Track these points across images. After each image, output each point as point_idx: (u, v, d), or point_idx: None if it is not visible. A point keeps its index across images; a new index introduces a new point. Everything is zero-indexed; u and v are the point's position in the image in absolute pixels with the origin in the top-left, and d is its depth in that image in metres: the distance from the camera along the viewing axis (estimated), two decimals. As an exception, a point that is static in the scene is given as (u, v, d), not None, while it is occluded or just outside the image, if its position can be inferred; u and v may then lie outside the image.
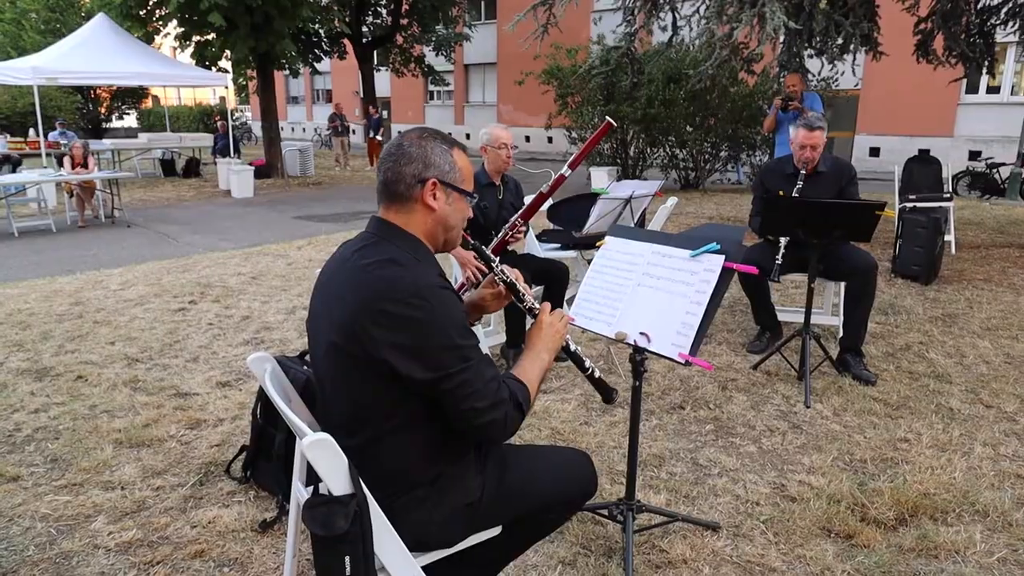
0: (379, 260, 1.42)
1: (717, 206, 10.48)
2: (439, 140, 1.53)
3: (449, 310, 1.40)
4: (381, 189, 1.53)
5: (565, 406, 3.35)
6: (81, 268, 6.68)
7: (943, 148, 15.42)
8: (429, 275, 1.42)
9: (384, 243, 1.47)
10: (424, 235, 1.53)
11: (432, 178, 1.49)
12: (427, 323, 1.36)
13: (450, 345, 1.38)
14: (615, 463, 2.82)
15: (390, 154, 1.51)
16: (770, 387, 3.58)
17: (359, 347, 1.38)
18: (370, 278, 1.40)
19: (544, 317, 1.68)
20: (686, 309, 1.88)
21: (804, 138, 3.69)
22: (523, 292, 1.71)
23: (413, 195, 1.49)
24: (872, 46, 7.13)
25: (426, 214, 1.51)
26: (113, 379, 3.70)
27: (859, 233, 3.35)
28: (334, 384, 1.48)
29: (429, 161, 1.50)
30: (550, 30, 8.53)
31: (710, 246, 1.90)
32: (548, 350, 1.65)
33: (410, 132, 1.54)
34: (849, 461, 2.86)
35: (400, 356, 1.36)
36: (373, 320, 1.36)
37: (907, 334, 4.37)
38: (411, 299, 1.36)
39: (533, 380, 1.56)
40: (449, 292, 1.42)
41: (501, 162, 3.71)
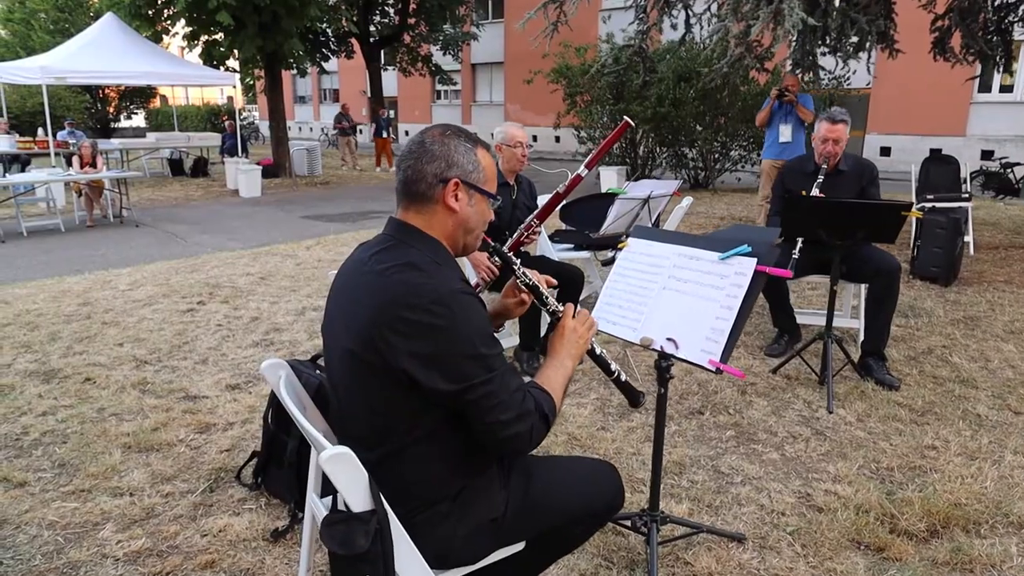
0: (398, 264, 1.35)
1: (728, 206, 10.38)
2: (463, 138, 1.46)
3: (472, 317, 1.33)
4: (400, 188, 1.46)
5: (581, 411, 3.28)
6: (90, 268, 6.65)
7: (955, 147, 15.26)
8: (451, 280, 1.35)
9: (403, 246, 1.41)
10: (444, 238, 1.46)
11: (455, 178, 1.42)
12: (449, 331, 1.29)
13: (474, 354, 1.31)
14: (634, 470, 2.74)
15: (411, 152, 1.44)
16: (791, 392, 3.50)
17: (377, 356, 1.31)
18: (388, 283, 1.33)
19: (567, 321, 1.61)
20: (716, 314, 1.80)
21: (827, 131, 3.60)
22: (546, 296, 1.64)
23: (434, 195, 1.43)
24: (889, 44, 7.02)
25: (447, 216, 1.44)
26: (121, 381, 3.65)
27: (883, 234, 3.26)
28: (350, 393, 1.42)
29: (452, 160, 1.43)
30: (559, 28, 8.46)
31: (741, 248, 1.83)
32: (572, 356, 1.58)
33: (432, 129, 1.47)
34: (876, 469, 2.77)
35: (420, 366, 1.29)
36: (392, 328, 1.29)
37: (929, 337, 4.27)
38: (432, 306, 1.29)
39: (557, 389, 1.49)
40: (472, 298, 1.36)
41: (516, 161, 3.64)
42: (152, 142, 15.98)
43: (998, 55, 7.33)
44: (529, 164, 3.71)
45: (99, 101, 29.31)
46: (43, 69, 10.95)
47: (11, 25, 27.50)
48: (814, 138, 3.70)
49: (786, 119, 7.14)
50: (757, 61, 7.02)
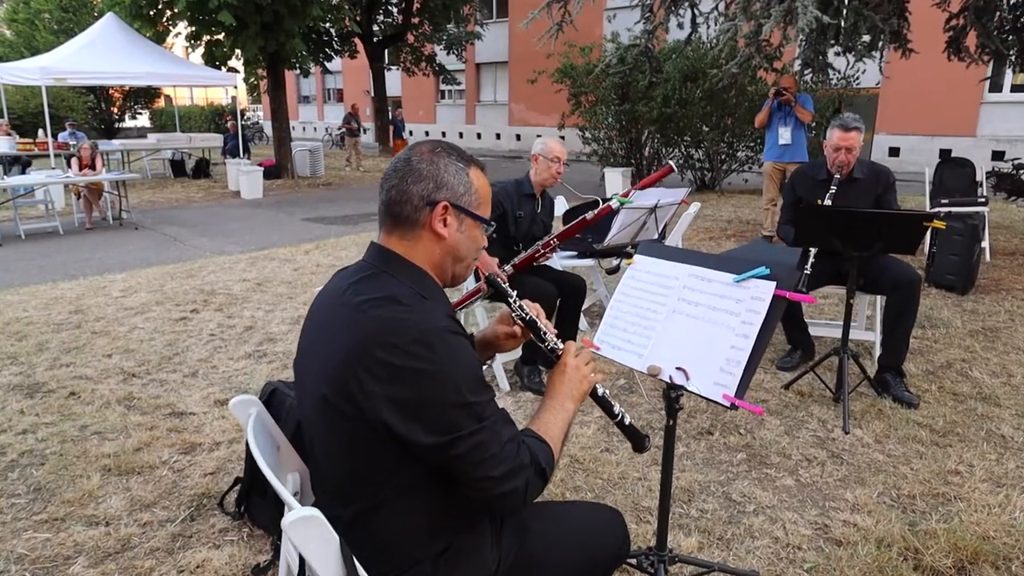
0: (376, 298, 1.21)
1: (735, 208, 10.20)
2: (454, 156, 1.31)
3: (459, 359, 1.18)
4: (383, 210, 1.31)
5: (584, 430, 3.13)
6: (85, 272, 6.54)
7: (966, 148, 15.04)
8: (436, 316, 1.20)
9: (384, 276, 1.26)
10: (431, 267, 1.31)
11: (444, 200, 1.28)
12: (432, 375, 1.14)
13: (460, 402, 1.16)
14: (640, 498, 2.59)
15: (396, 170, 1.30)
16: (804, 410, 3.34)
17: (351, 403, 1.16)
18: (365, 320, 1.18)
19: (568, 360, 1.46)
20: (731, 343, 1.65)
21: (839, 139, 3.43)
22: (544, 330, 1.49)
23: (420, 219, 1.28)
24: (902, 43, 6.83)
25: (434, 242, 1.30)
26: (107, 396, 3.51)
27: (903, 245, 3.10)
28: (323, 441, 1.27)
29: (441, 180, 1.28)
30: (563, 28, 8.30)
31: (758, 270, 1.67)
32: (573, 399, 1.42)
33: (420, 145, 1.33)
34: (896, 497, 2.61)
35: (400, 416, 1.14)
36: (368, 371, 1.14)
37: (947, 350, 4.10)
38: (413, 346, 1.14)
39: (556, 437, 1.35)
40: (460, 338, 1.21)
41: (550, 176, 3.56)
42: (153, 143, 15.87)
43: (1014, 54, 7.13)
44: (562, 183, 3.59)
45: (103, 101, 29.28)
46: (42, 70, 10.85)
47: (15, 25, 27.48)
48: (825, 145, 3.53)
49: (785, 120, 7.01)
50: (766, 61, 6.85)
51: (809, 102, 7.04)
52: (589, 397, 1.49)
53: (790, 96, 6.86)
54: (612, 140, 12.56)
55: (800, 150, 7.04)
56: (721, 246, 7.36)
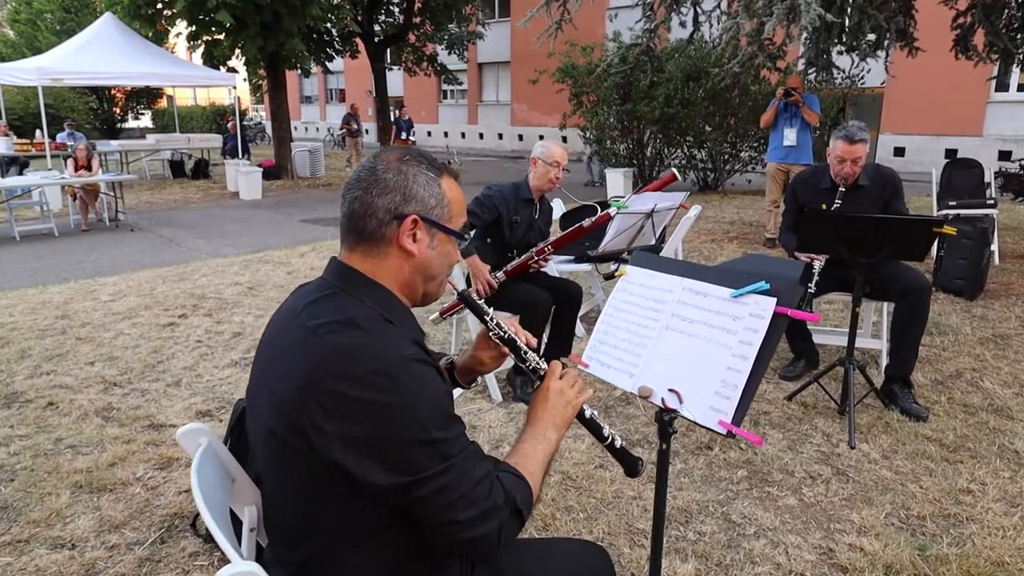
0: (333, 321, 1.08)
1: (738, 209, 10.06)
2: (424, 165, 1.19)
3: (424, 391, 1.06)
4: (345, 225, 1.19)
5: (578, 444, 3.00)
6: (78, 275, 6.44)
7: (972, 148, 14.86)
8: (399, 343, 1.08)
9: (343, 296, 1.14)
10: (398, 286, 1.19)
11: (412, 214, 1.16)
12: (393, 410, 1.02)
13: (424, 440, 1.04)
14: (634, 519, 2.46)
15: (359, 180, 1.17)
16: (808, 423, 3.20)
17: (302, 440, 1.04)
18: (319, 346, 1.06)
19: (551, 383, 1.34)
20: (727, 364, 1.52)
21: (843, 151, 3.27)
22: (525, 349, 1.37)
23: (386, 235, 1.16)
24: (908, 42, 6.68)
25: (402, 260, 1.18)
26: (85, 407, 3.40)
27: (911, 252, 2.96)
28: (273, 480, 1.15)
29: (410, 192, 1.16)
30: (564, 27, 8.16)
31: (757, 285, 1.54)
32: (556, 427, 1.30)
33: (387, 153, 1.20)
34: (905, 518, 2.48)
35: (356, 455, 1.02)
36: (320, 405, 1.02)
37: (956, 358, 3.96)
38: (371, 377, 1.02)
39: (536, 472, 1.22)
40: (425, 367, 1.08)
41: (548, 180, 3.42)
42: (152, 144, 15.79)
43: (1022, 53, 6.98)
44: (560, 188, 3.46)
45: (106, 102, 29.25)
46: (39, 70, 10.77)
47: (17, 26, 27.47)
48: (829, 154, 3.39)
49: (791, 122, 6.86)
50: (769, 60, 6.70)
51: (816, 103, 6.89)
52: (576, 420, 1.37)
53: (798, 97, 6.70)
54: (614, 140, 12.43)
55: (805, 152, 6.89)
56: (723, 248, 7.22)
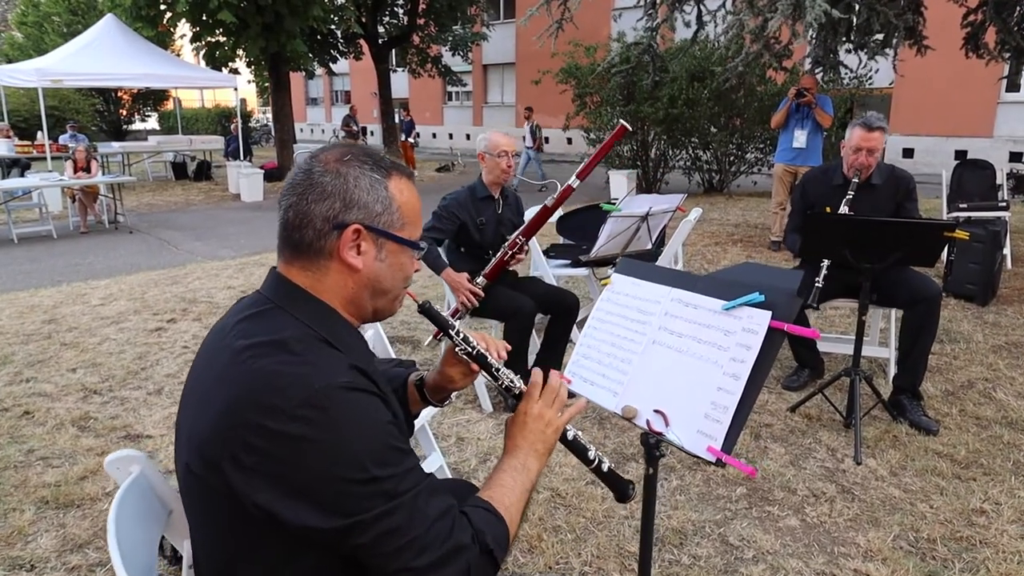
0: (262, 343, 0.96)
1: (743, 211, 9.90)
2: (368, 166, 1.06)
3: (361, 424, 0.93)
4: (280, 235, 1.06)
5: (569, 458, 2.86)
6: (72, 278, 6.36)
7: (982, 149, 14.63)
8: (334, 369, 0.95)
9: (278, 314, 1.01)
10: (342, 303, 1.06)
11: (355, 223, 1.03)
12: (325, 447, 0.90)
13: (363, 478, 0.91)
14: (626, 541, 2.32)
15: (293, 185, 1.05)
16: (811, 436, 3.05)
17: (220, 480, 0.91)
18: (244, 373, 0.93)
19: (529, 406, 1.20)
20: (718, 383, 1.38)
21: (861, 139, 3.13)
22: (496, 366, 1.24)
23: (326, 247, 1.03)
24: (917, 40, 6.51)
25: (345, 274, 1.05)
26: (62, 416, 3.29)
27: (921, 257, 2.82)
28: (195, 520, 1.02)
29: (351, 197, 1.03)
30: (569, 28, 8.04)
31: (751, 296, 1.41)
32: (537, 454, 1.17)
33: (327, 152, 1.07)
34: (915, 540, 2.33)
35: (282, 497, 0.89)
36: (242, 441, 0.90)
37: (968, 368, 3.80)
38: (301, 410, 0.89)
39: (513, 506, 1.09)
40: (364, 396, 0.95)
41: (500, 172, 3.26)
42: (153, 145, 15.75)
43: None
44: (517, 176, 3.31)
45: (111, 104, 29.31)
46: (38, 71, 10.73)
47: (25, 28, 27.57)
48: (844, 146, 3.25)
49: (803, 123, 6.67)
50: (775, 59, 6.55)
51: (829, 104, 6.68)
52: (559, 442, 1.24)
53: (811, 97, 6.51)
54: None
55: (815, 155, 6.71)
56: (727, 251, 7.07)
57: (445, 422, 3.21)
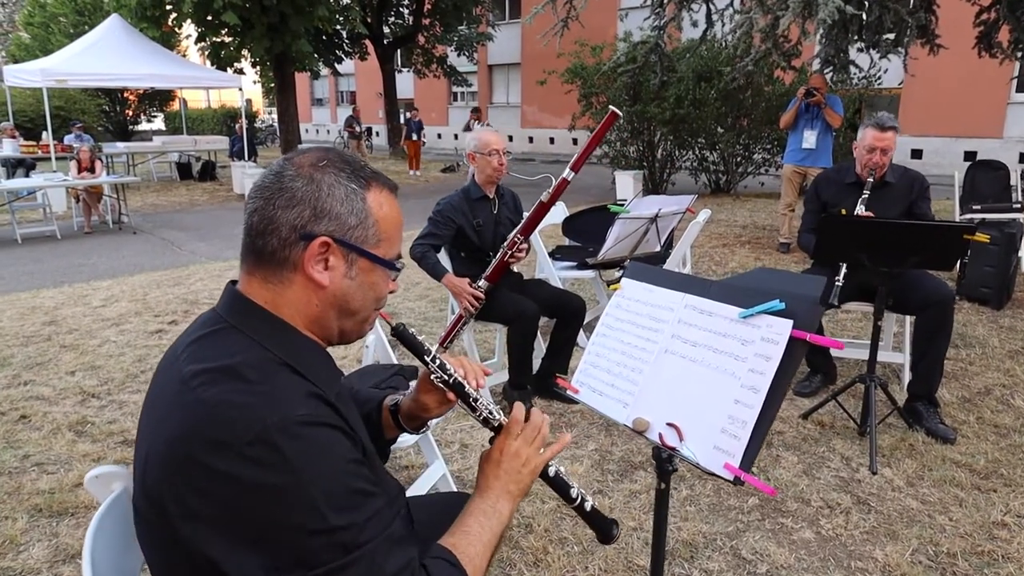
0: (211, 369, 0.87)
1: (751, 212, 9.80)
2: (346, 174, 0.97)
3: (318, 465, 0.83)
4: (244, 241, 0.97)
5: (576, 466, 2.79)
6: (74, 279, 6.32)
7: (992, 150, 14.48)
8: (290, 400, 0.85)
9: (232, 335, 0.92)
10: (304, 321, 0.97)
11: (323, 235, 0.94)
12: (279, 492, 0.80)
13: (319, 528, 0.82)
14: (634, 554, 2.25)
15: (262, 187, 0.96)
16: (825, 443, 2.97)
17: (165, 523, 0.83)
18: (192, 404, 0.84)
19: (508, 443, 1.12)
20: (735, 396, 1.31)
21: (874, 139, 3.06)
22: (475, 396, 1.16)
23: (290, 258, 0.94)
24: (929, 38, 6.41)
25: (309, 291, 0.96)
26: (59, 420, 3.23)
27: (940, 261, 2.73)
28: (147, 558, 0.94)
29: (322, 206, 0.94)
30: (575, 27, 7.97)
31: (770, 304, 1.33)
32: (511, 495, 1.09)
33: (303, 155, 0.98)
34: (934, 555, 2.25)
35: (227, 545, 0.80)
36: (187, 482, 0.81)
37: (984, 373, 3.71)
38: (252, 449, 0.80)
39: (479, 554, 1.01)
40: (325, 431, 0.86)
41: (492, 171, 3.17)
42: (158, 146, 15.75)
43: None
44: (509, 172, 3.23)
45: (118, 104, 29.37)
46: (43, 71, 10.72)
47: (31, 29, 27.67)
48: (856, 146, 3.18)
49: (812, 124, 6.57)
50: (784, 58, 6.45)
51: (839, 104, 6.58)
52: (540, 479, 1.17)
53: (820, 97, 6.41)
54: (623, 142, 12.19)
55: (825, 155, 6.60)
56: (735, 253, 6.98)
57: (448, 428, 3.14)
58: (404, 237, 1.14)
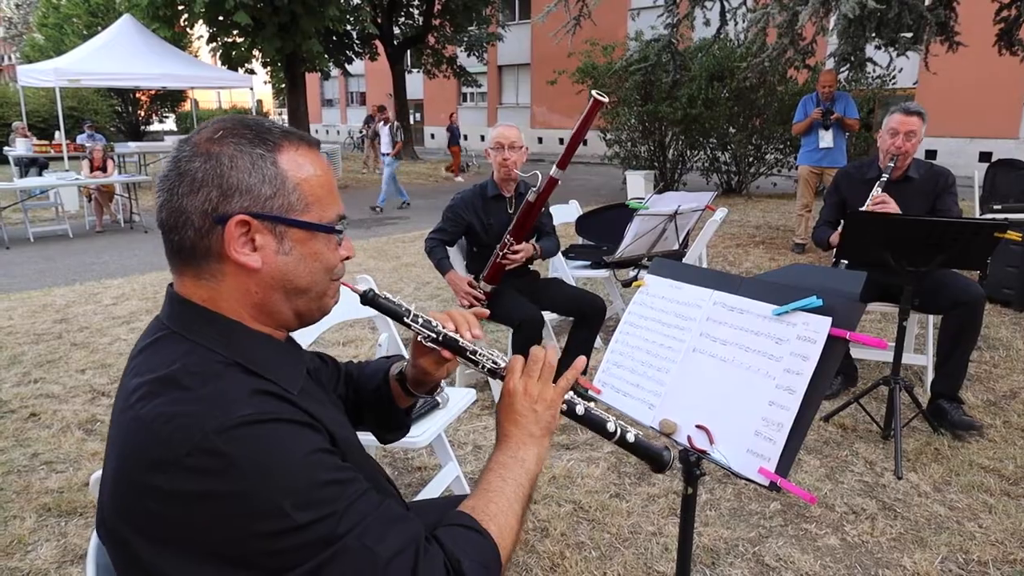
0: (149, 382, 0.80)
1: (763, 213, 9.70)
2: (247, 139, 0.86)
3: (272, 463, 0.75)
4: (164, 242, 0.89)
5: (592, 469, 2.73)
6: (85, 277, 6.32)
7: (1007, 151, 14.29)
8: (233, 400, 0.78)
9: (172, 341, 0.85)
10: (250, 312, 0.89)
11: (238, 213, 0.84)
12: (234, 500, 0.73)
13: (287, 527, 0.74)
14: (654, 559, 2.18)
15: (163, 177, 0.87)
16: (847, 447, 2.90)
17: (130, 553, 0.77)
18: (130, 422, 0.79)
19: (512, 383, 1.04)
20: (770, 397, 1.24)
21: (899, 122, 3.01)
22: (472, 348, 1.07)
23: (211, 247, 0.85)
24: (949, 35, 6.31)
25: (243, 277, 0.87)
26: (69, 418, 3.21)
27: (969, 260, 2.66)
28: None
29: (229, 182, 0.84)
30: (586, 26, 7.91)
31: (806, 300, 1.27)
32: (532, 439, 1.01)
33: (200, 131, 0.88)
34: (964, 563, 2.17)
35: (196, 565, 0.74)
36: (138, 506, 0.75)
37: (1010, 376, 3.62)
38: (193, 459, 0.73)
39: (502, 511, 0.93)
40: (278, 426, 0.78)
41: (500, 167, 3.04)
42: (169, 145, 15.79)
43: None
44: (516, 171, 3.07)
45: (130, 104, 29.56)
46: (56, 71, 10.76)
47: (45, 30, 27.91)
48: (880, 135, 3.11)
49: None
50: (800, 55, 6.36)
51: (851, 105, 6.46)
52: (566, 417, 1.09)
53: (839, 115, 6.32)
54: (635, 142, 12.12)
55: (841, 155, 6.51)
56: (749, 253, 6.89)
57: (461, 429, 3.08)
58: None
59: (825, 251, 3.23)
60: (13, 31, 41.40)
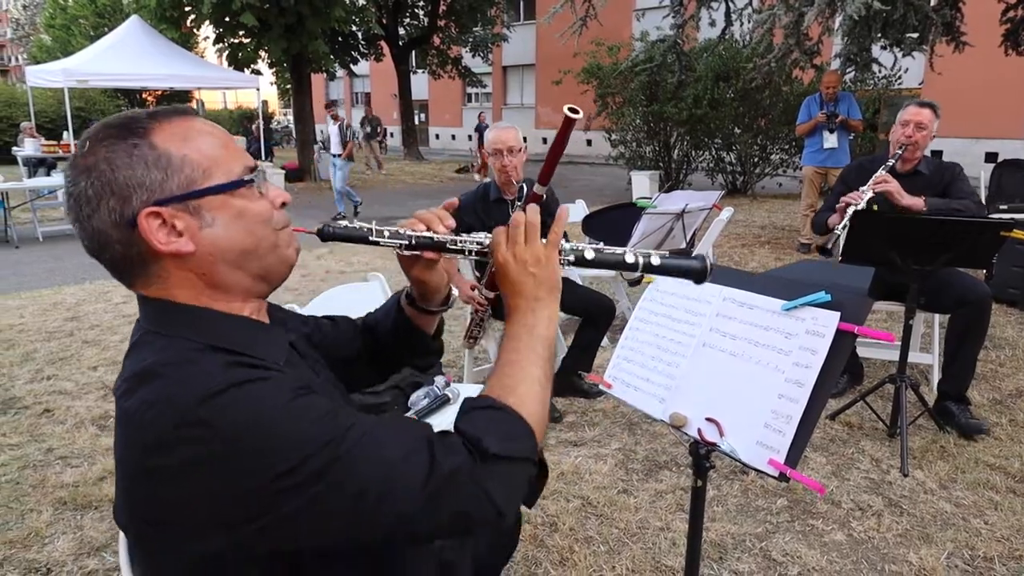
0: (128, 378, 0.83)
1: (769, 213, 9.71)
2: (114, 136, 0.84)
3: (258, 420, 0.76)
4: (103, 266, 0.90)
5: (600, 465, 2.75)
6: (95, 276, 6.35)
7: (1013, 151, 14.24)
8: (207, 375, 0.80)
9: (149, 340, 0.86)
10: (211, 296, 0.89)
11: (144, 209, 0.83)
12: (230, 460, 0.75)
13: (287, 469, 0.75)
14: (662, 554, 2.21)
15: (67, 209, 0.87)
16: (854, 445, 2.91)
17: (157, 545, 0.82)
18: (120, 419, 0.82)
19: (501, 256, 1.00)
20: (779, 390, 1.27)
21: (912, 113, 3.02)
22: (450, 239, 1.04)
23: (141, 252, 0.85)
24: (955, 36, 6.31)
25: (185, 265, 0.86)
26: (82, 415, 3.25)
27: (974, 258, 2.67)
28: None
29: (118, 184, 0.82)
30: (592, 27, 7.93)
31: (815, 296, 1.29)
32: (538, 301, 0.98)
33: (75, 152, 0.87)
34: (970, 559, 2.19)
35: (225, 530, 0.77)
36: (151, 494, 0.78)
37: (1015, 375, 3.63)
38: (184, 431, 0.75)
39: (521, 382, 0.92)
40: (256, 385, 0.79)
41: (500, 171, 3.00)
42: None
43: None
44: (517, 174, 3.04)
45: (137, 104, 29.71)
46: (65, 72, 10.84)
47: (53, 31, 28.04)
48: (893, 128, 3.11)
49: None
50: (806, 56, 6.38)
51: (855, 105, 6.46)
52: (575, 268, 1.10)
53: (844, 117, 6.34)
54: (640, 143, 12.14)
55: (845, 156, 6.52)
56: (755, 253, 6.91)
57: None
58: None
59: (821, 235, 3.16)
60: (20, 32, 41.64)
